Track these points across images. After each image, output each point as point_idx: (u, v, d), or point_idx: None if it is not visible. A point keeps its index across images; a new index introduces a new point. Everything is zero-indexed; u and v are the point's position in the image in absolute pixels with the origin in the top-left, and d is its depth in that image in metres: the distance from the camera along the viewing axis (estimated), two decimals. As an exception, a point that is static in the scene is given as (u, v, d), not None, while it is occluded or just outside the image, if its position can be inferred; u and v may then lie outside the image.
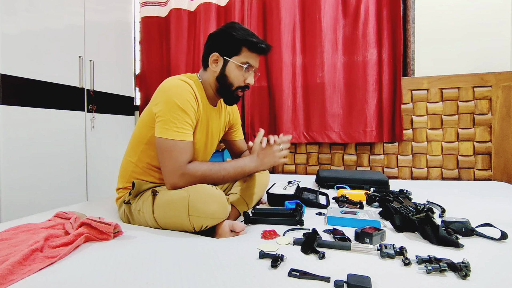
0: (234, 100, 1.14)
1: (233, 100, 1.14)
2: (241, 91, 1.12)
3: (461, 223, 0.88)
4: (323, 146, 2.24)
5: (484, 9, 1.96)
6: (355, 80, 2.10)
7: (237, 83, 1.09)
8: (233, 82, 1.09)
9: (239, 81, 1.09)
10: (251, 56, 1.07)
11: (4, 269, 0.62)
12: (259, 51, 1.08)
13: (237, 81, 1.09)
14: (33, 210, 1.61)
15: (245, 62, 1.07)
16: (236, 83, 1.09)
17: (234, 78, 1.08)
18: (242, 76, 1.09)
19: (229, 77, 1.08)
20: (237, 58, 1.06)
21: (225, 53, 1.07)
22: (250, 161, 1.09)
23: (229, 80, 1.08)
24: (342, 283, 0.59)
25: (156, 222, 0.97)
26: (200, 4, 2.37)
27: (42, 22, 1.75)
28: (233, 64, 1.07)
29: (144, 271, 0.66)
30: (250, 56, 1.07)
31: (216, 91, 1.13)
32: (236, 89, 1.10)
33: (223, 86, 1.10)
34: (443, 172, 2.02)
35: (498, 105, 1.92)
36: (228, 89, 1.10)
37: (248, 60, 1.07)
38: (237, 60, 1.06)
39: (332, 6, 2.12)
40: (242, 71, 1.08)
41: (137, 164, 1.10)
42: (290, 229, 0.94)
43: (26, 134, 1.67)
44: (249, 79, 1.10)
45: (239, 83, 1.09)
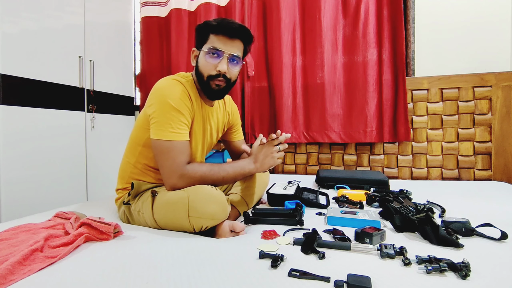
0: (214, 93, 1.06)
1: (213, 93, 1.06)
2: (218, 81, 1.03)
3: (461, 223, 0.88)
4: (323, 146, 2.24)
5: (484, 9, 1.96)
6: (355, 80, 2.10)
7: (206, 71, 1.02)
8: (202, 71, 1.03)
9: (209, 69, 1.02)
10: (218, 40, 1.01)
11: (4, 269, 0.62)
12: (227, 33, 1.01)
13: (206, 69, 1.02)
14: (33, 210, 1.61)
15: (211, 48, 1.01)
16: (205, 72, 1.03)
17: (202, 66, 1.03)
18: (210, 63, 1.02)
19: (199, 67, 1.04)
20: (205, 46, 1.02)
21: (198, 45, 1.06)
22: (250, 162, 1.08)
23: (200, 70, 1.04)
24: (342, 283, 0.59)
25: (155, 222, 0.96)
26: (200, 4, 2.37)
27: (42, 22, 1.75)
28: (202, 53, 1.03)
29: (144, 271, 0.66)
30: (217, 40, 1.01)
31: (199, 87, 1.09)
32: (209, 79, 1.03)
33: (199, 78, 1.05)
34: (443, 172, 2.02)
35: (498, 105, 1.92)
36: (202, 81, 1.04)
37: (213, 45, 1.01)
38: (205, 48, 1.02)
39: (332, 6, 2.12)
40: (210, 57, 1.01)
41: (135, 165, 1.10)
42: (290, 229, 0.94)
43: (26, 134, 1.67)
44: (220, 66, 1.01)
45: (209, 71, 1.02)
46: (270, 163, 1.09)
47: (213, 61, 1.02)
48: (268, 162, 1.09)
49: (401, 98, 2.00)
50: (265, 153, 1.09)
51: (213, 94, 1.06)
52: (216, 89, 1.04)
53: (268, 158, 1.09)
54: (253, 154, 1.10)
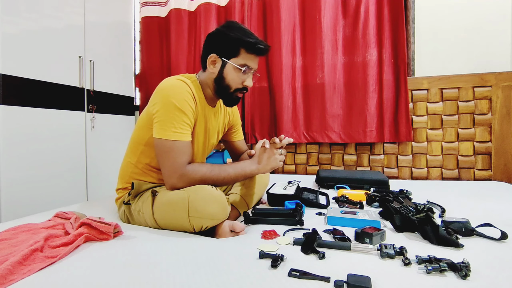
0: (233, 102, 1.13)
1: (232, 102, 1.13)
2: (240, 93, 1.10)
3: (461, 223, 0.88)
4: (323, 146, 2.24)
5: (484, 9, 1.96)
6: (355, 80, 2.10)
7: (235, 85, 1.07)
8: (230, 84, 1.07)
9: (237, 83, 1.07)
10: (249, 57, 1.05)
11: (4, 269, 0.62)
12: (258, 52, 1.06)
13: (235, 83, 1.07)
14: (33, 210, 1.61)
15: (243, 64, 1.04)
16: (234, 85, 1.07)
17: (232, 80, 1.06)
18: (240, 78, 1.06)
19: (226, 79, 1.06)
20: (235, 60, 1.04)
21: (223, 54, 1.05)
22: (251, 164, 1.08)
23: (226, 82, 1.06)
24: (342, 283, 0.59)
25: (156, 222, 0.97)
26: (200, 4, 2.37)
27: (42, 22, 1.75)
28: (231, 66, 1.05)
29: (144, 271, 0.66)
30: (248, 58, 1.05)
31: (215, 92, 1.11)
32: (235, 91, 1.08)
33: (221, 87, 1.08)
34: (443, 172, 2.02)
35: (498, 105, 1.92)
36: (226, 91, 1.08)
37: (246, 62, 1.05)
38: (235, 62, 1.04)
39: (332, 6, 2.12)
40: (240, 73, 1.05)
41: (136, 165, 1.10)
42: (290, 229, 0.94)
43: (26, 134, 1.67)
44: (248, 81, 1.08)
45: (237, 85, 1.07)
46: (272, 165, 1.10)
47: (243, 77, 1.07)
48: (270, 164, 1.10)
49: (403, 98, 2.00)
50: (268, 155, 1.09)
51: (233, 103, 1.13)
52: (236, 99, 1.12)
53: (271, 160, 1.09)
54: (256, 155, 1.11)
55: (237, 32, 1.04)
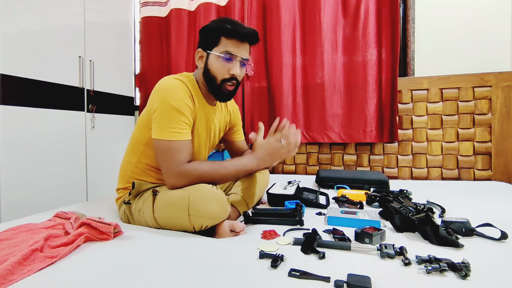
0: (225, 96, 1.08)
1: (223, 96, 1.08)
2: (230, 85, 1.05)
3: (461, 223, 0.88)
4: (323, 146, 2.24)
5: (484, 9, 1.96)
6: (355, 80, 2.10)
7: (220, 75, 1.03)
8: (215, 74, 1.04)
9: (222, 73, 1.03)
10: (230, 43, 1.01)
11: (4, 269, 0.62)
12: (240, 37, 1.02)
13: (220, 73, 1.03)
14: (33, 210, 1.61)
15: (224, 51, 1.01)
16: (219, 75, 1.03)
17: (215, 70, 1.03)
18: (224, 67, 1.03)
19: (211, 70, 1.04)
20: (216, 48, 1.02)
21: (206, 46, 1.05)
22: (251, 159, 1.06)
23: (212, 73, 1.04)
24: (342, 283, 0.59)
25: (156, 222, 0.97)
26: (200, 4, 2.37)
27: (42, 22, 1.75)
28: (213, 56, 1.03)
29: (144, 271, 0.66)
30: (229, 44, 1.01)
31: (207, 88, 1.09)
32: (222, 83, 1.04)
33: (209, 81, 1.06)
34: (443, 172, 2.02)
35: (498, 105, 1.92)
36: (214, 84, 1.05)
37: (227, 49, 1.01)
38: (217, 51, 1.02)
39: (332, 6, 2.12)
40: (223, 61, 1.02)
41: (136, 165, 1.10)
42: (290, 229, 0.94)
43: (26, 134, 1.67)
44: (234, 69, 1.03)
45: (223, 75, 1.03)
46: (272, 160, 1.07)
47: (227, 65, 1.03)
48: (270, 159, 1.06)
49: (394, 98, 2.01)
50: (268, 152, 1.06)
51: (224, 97, 1.09)
52: (227, 92, 1.07)
53: (270, 155, 1.06)
54: (256, 150, 1.08)
55: (218, 22, 1.03)
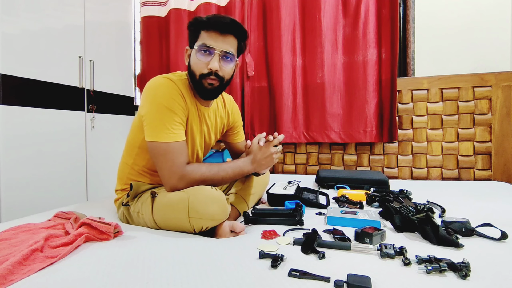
0: (207, 92, 1.02)
1: (205, 92, 1.02)
2: (210, 80, 0.99)
3: (461, 223, 0.88)
4: (323, 146, 2.24)
5: (484, 9, 1.96)
6: (355, 80, 2.10)
7: (198, 69, 0.99)
8: (194, 69, 1.00)
9: (200, 68, 0.99)
10: (209, 36, 0.97)
11: (4, 269, 0.62)
12: (216, 28, 0.97)
13: (197, 68, 0.99)
14: (33, 210, 1.61)
15: (201, 44, 0.98)
16: (197, 70, 0.99)
17: (194, 65, 1.00)
18: (201, 61, 0.98)
19: (191, 66, 1.01)
20: (197, 43, 1.00)
21: (190, 43, 1.04)
22: (248, 162, 1.07)
23: (192, 68, 1.01)
24: (342, 283, 0.59)
25: (155, 223, 0.96)
26: (200, 4, 2.37)
27: (42, 22, 1.75)
28: (194, 51, 1.00)
29: (144, 271, 0.66)
30: (207, 37, 0.97)
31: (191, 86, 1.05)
32: (201, 78, 0.99)
33: (191, 78, 1.02)
34: (443, 172, 2.02)
35: (498, 105, 1.92)
36: (194, 80, 1.01)
37: (204, 41, 0.97)
38: (196, 45, 0.99)
39: (332, 6, 2.12)
40: (200, 55, 0.98)
41: (132, 167, 1.10)
42: (290, 229, 0.94)
43: (26, 134, 1.67)
44: (212, 63, 0.97)
45: (200, 69, 0.99)
46: (268, 164, 1.09)
47: (204, 58, 0.98)
48: (266, 163, 1.08)
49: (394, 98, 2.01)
50: (263, 154, 1.07)
51: (206, 93, 1.03)
52: (209, 88, 1.01)
53: (267, 160, 1.08)
54: (252, 153, 1.09)
55: (200, 17, 1.00)
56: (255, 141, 1.09)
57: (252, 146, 1.10)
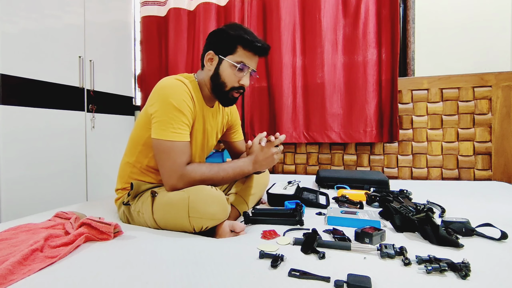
0: (229, 102, 1.10)
1: (228, 102, 1.10)
2: (236, 93, 1.08)
3: (461, 223, 0.88)
4: (323, 146, 2.24)
5: (484, 9, 1.96)
6: (355, 80, 2.10)
7: (230, 83, 1.05)
8: (226, 81, 1.05)
9: (233, 81, 1.05)
10: (246, 55, 1.04)
11: (4, 269, 0.62)
12: (255, 51, 1.04)
13: (230, 81, 1.05)
14: (33, 210, 1.61)
15: (239, 61, 1.03)
16: (229, 83, 1.05)
17: (227, 77, 1.05)
18: (235, 76, 1.04)
19: (222, 76, 1.05)
20: (231, 57, 1.03)
21: (220, 51, 1.05)
22: (249, 162, 1.08)
23: (222, 79, 1.05)
24: (342, 283, 0.59)
25: (155, 223, 0.96)
26: (199, 4, 2.37)
27: (42, 22, 1.75)
28: (227, 63, 1.04)
29: (144, 271, 0.66)
30: (245, 56, 1.03)
31: (211, 91, 1.09)
32: (230, 90, 1.06)
33: (216, 85, 1.06)
34: (443, 172, 2.02)
35: (498, 105, 1.92)
36: (221, 89, 1.06)
37: (242, 59, 1.03)
38: (231, 59, 1.03)
39: (332, 6, 2.12)
40: (236, 70, 1.04)
41: (135, 165, 1.10)
42: (290, 229, 0.94)
43: (26, 134, 1.67)
44: (244, 79, 1.05)
45: (233, 83, 1.05)
46: (269, 164, 1.09)
47: (239, 75, 1.05)
48: (267, 163, 1.09)
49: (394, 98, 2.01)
50: (264, 154, 1.08)
51: (229, 102, 1.11)
52: (232, 98, 1.09)
53: (268, 160, 1.08)
54: (253, 154, 1.09)
55: (236, 30, 1.03)
56: (256, 141, 1.10)
57: (253, 146, 1.10)
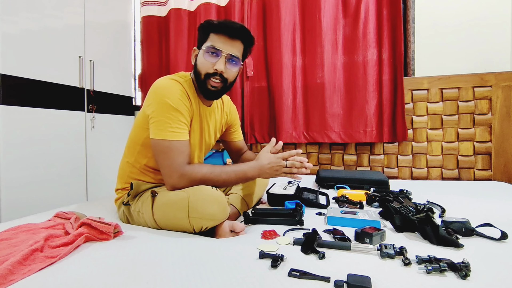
0: (210, 92, 1.05)
1: (209, 92, 1.05)
2: (214, 81, 1.02)
3: (461, 223, 0.88)
4: (323, 146, 2.24)
5: (484, 9, 1.96)
6: (355, 80, 2.10)
7: (203, 69, 1.02)
8: (200, 69, 1.03)
9: (206, 68, 1.02)
10: (218, 39, 1.01)
11: (4, 269, 0.62)
12: (226, 32, 1.01)
13: (203, 68, 1.02)
14: (33, 210, 1.61)
15: (210, 46, 1.01)
16: (202, 70, 1.03)
17: (200, 64, 1.03)
18: (208, 62, 1.02)
19: (197, 66, 1.04)
20: (205, 44, 1.03)
21: (199, 44, 1.06)
22: (253, 169, 1.05)
23: (197, 68, 1.04)
24: (342, 283, 0.59)
25: (155, 223, 0.96)
26: (200, 4, 2.37)
27: (42, 22, 1.75)
28: (202, 52, 1.03)
29: (144, 271, 0.66)
30: (216, 39, 1.01)
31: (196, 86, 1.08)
32: (206, 78, 1.03)
33: (196, 77, 1.06)
34: (443, 172, 2.02)
35: (498, 105, 1.92)
36: (199, 79, 1.04)
37: (213, 43, 1.01)
38: (204, 46, 1.03)
39: (332, 6, 2.12)
40: (208, 56, 1.02)
41: (134, 165, 1.10)
42: (290, 229, 0.94)
43: (26, 134, 1.66)
44: (218, 64, 1.01)
45: (206, 69, 1.02)
46: (272, 174, 1.07)
47: (211, 59, 1.02)
48: (270, 174, 1.07)
49: (399, 98, 2.01)
50: (271, 166, 1.05)
51: (209, 94, 1.06)
52: (213, 90, 1.04)
53: (273, 171, 1.06)
54: (260, 160, 1.06)
55: (211, 20, 1.03)
56: (266, 149, 1.08)
57: (261, 153, 1.08)
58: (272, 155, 1.07)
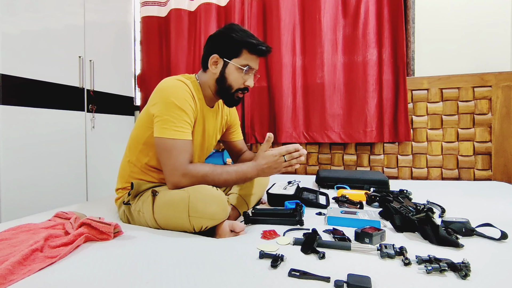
0: (235, 102, 1.14)
1: (234, 102, 1.14)
2: (241, 93, 1.12)
3: (461, 223, 0.88)
4: (323, 146, 2.24)
5: (484, 9, 1.96)
6: (355, 80, 2.10)
7: (236, 85, 1.09)
8: (232, 84, 1.09)
9: (239, 83, 1.09)
10: (251, 58, 1.08)
11: (4, 269, 0.62)
12: (259, 53, 1.08)
13: (237, 83, 1.09)
14: (33, 210, 1.61)
15: (245, 65, 1.07)
16: (235, 85, 1.09)
17: (233, 80, 1.08)
18: (241, 78, 1.09)
19: (228, 79, 1.08)
20: (237, 60, 1.07)
21: (225, 55, 1.07)
22: (252, 169, 1.05)
23: (228, 82, 1.09)
24: (342, 283, 0.59)
25: (156, 222, 0.97)
26: (200, 4, 2.37)
27: (42, 22, 1.75)
28: (233, 66, 1.07)
29: (144, 271, 0.66)
30: (250, 58, 1.07)
31: (216, 93, 1.12)
32: (236, 91, 1.10)
33: (222, 88, 1.10)
34: (443, 172, 2.02)
35: (498, 105, 1.92)
36: (228, 91, 1.10)
37: (248, 62, 1.07)
38: (237, 62, 1.07)
39: (332, 6, 2.12)
40: (242, 73, 1.08)
41: (135, 164, 1.10)
42: (290, 229, 0.94)
43: (26, 134, 1.67)
44: (249, 81, 1.10)
45: (239, 85, 1.09)
46: (272, 172, 1.07)
47: (245, 77, 1.09)
48: (270, 171, 1.06)
49: (402, 98, 2.00)
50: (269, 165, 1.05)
51: (234, 103, 1.15)
52: (237, 99, 1.13)
53: (272, 170, 1.06)
54: (258, 161, 1.06)
55: (239, 33, 1.06)
56: (263, 148, 1.08)
57: (259, 151, 1.08)
58: (269, 154, 1.05)
